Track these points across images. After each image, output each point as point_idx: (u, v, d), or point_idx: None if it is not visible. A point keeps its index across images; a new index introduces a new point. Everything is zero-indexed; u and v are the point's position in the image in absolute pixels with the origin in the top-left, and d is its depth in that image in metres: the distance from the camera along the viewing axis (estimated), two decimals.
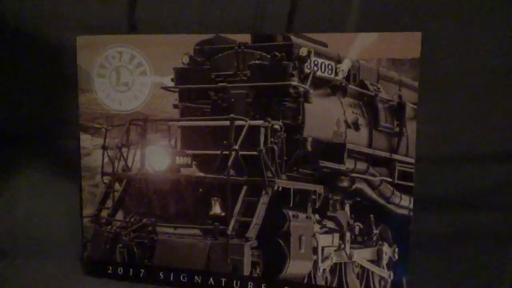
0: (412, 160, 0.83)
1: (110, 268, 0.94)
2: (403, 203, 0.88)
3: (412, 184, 0.83)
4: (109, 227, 0.95)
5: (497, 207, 0.83)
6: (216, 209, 0.92)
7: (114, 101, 0.96)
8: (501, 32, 0.80)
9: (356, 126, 0.97)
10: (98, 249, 0.94)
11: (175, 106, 0.98)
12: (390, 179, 0.97)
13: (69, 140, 1.01)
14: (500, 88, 0.82)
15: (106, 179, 0.98)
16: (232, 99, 0.95)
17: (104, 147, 0.97)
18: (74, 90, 0.95)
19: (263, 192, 0.88)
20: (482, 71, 0.81)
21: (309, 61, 0.90)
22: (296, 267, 0.89)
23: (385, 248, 0.97)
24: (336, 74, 0.93)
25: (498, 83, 0.82)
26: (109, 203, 0.98)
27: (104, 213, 0.98)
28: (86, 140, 0.98)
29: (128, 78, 0.95)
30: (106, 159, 0.98)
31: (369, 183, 0.96)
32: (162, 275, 0.92)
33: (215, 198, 0.92)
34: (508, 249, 0.83)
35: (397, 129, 0.99)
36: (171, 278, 0.91)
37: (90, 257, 0.95)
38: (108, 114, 0.96)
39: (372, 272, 0.98)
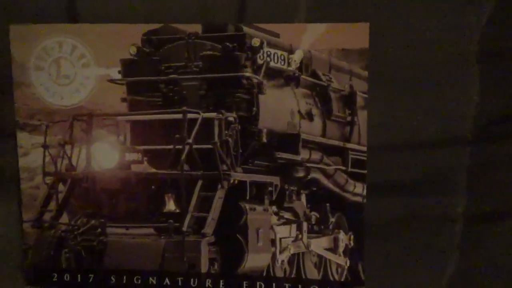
0: (364, 148, 0.85)
1: (56, 276, 0.88)
2: (357, 190, 0.91)
3: (365, 171, 0.85)
4: (53, 231, 0.89)
5: (441, 190, 0.87)
6: (170, 206, 0.89)
7: (55, 95, 0.89)
8: (447, 22, 0.83)
9: (310, 116, 0.98)
10: (41, 256, 0.87)
11: (124, 100, 0.94)
12: (344, 168, 0.99)
13: (4, 139, 0.92)
14: (445, 77, 0.86)
15: (48, 179, 0.92)
16: (184, 92, 0.92)
17: (44, 146, 0.91)
18: (9, 84, 0.88)
19: (219, 186, 0.86)
20: (428, 60, 0.85)
21: (261, 51, 0.90)
22: (254, 261, 0.88)
23: (341, 235, 0.99)
24: (289, 64, 0.93)
25: (444, 71, 0.85)
26: (52, 205, 0.92)
27: (47, 217, 0.91)
28: (23, 138, 0.90)
29: (70, 71, 0.88)
30: (47, 158, 0.91)
31: (324, 172, 0.98)
32: (113, 279, 0.87)
33: (169, 194, 0.89)
34: (453, 229, 0.88)
35: (349, 118, 1.02)
36: (124, 281, 0.87)
37: (32, 265, 0.88)
38: (48, 109, 0.89)
39: (330, 260, 1.00)
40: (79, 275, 0.88)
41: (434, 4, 0.82)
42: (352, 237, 0.92)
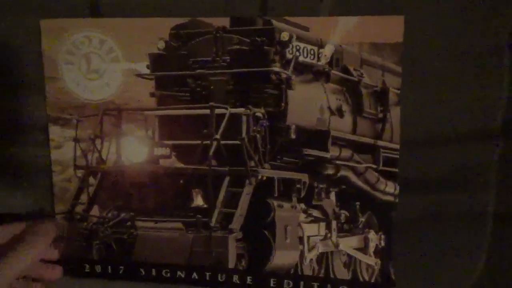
0: (397, 146, 0.82)
1: (87, 266, 0.90)
2: (388, 189, 0.88)
3: (396, 170, 0.83)
4: (85, 223, 0.91)
5: (475, 187, 0.84)
6: (198, 201, 0.89)
7: (85, 89, 0.89)
8: (483, 15, 0.79)
9: (340, 112, 0.96)
10: (73, 247, 0.89)
11: (152, 95, 0.94)
12: (375, 166, 0.97)
13: (36, 132, 0.94)
14: (481, 71, 0.82)
15: (80, 172, 0.93)
16: (212, 86, 0.91)
17: (76, 140, 0.92)
18: (40, 79, 0.89)
19: (247, 182, 0.85)
20: (464, 54, 0.81)
21: (291, 46, 0.88)
22: (282, 258, 0.87)
23: (372, 235, 0.97)
24: (319, 59, 0.90)
25: (480, 66, 0.82)
26: (84, 198, 0.93)
27: (79, 209, 0.93)
28: (55, 132, 0.91)
29: (99, 65, 0.88)
30: (78, 152, 0.92)
31: (354, 170, 0.96)
32: (143, 271, 0.88)
33: (197, 189, 0.89)
34: (485, 226, 0.85)
35: (381, 115, 0.99)
36: (153, 274, 0.88)
37: (65, 255, 0.89)
38: (78, 103, 0.90)
39: (359, 260, 0.99)
40: (109, 267, 0.89)
41: None
42: (383, 237, 0.89)
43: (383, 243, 0.88)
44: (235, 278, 0.85)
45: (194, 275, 0.86)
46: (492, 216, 0.84)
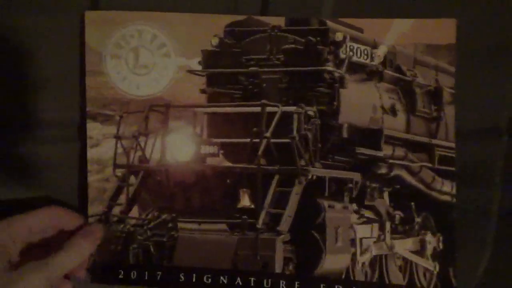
0: (452, 145, 0.83)
1: (122, 273, 0.84)
2: (445, 188, 0.87)
3: (453, 168, 0.82)
4: (122, 225, 0.86)
5: (480, 184, 0.83)
6: (245, 201, 0.86)
7: (131, 85, 0.87)
8: None
9: (393, 111, 0.96)
10: (107, 252, 0.84)
11: (203, 91, 0.92)
12: (430, 165, 0.96)
13: (71, 129, 0.89)
14: None
15: (119, 172, 0.89)
16: (264, 84, 0.91)
17: (117, 136, 0.88)
18: (77, 73, 0.85)
19: (296, 181, 0.83)
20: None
21: (344, 46, 0.89)
22: (332, 262, 0.84)
23: (429, 237, 0.94)
24: (372, 59, 0.92)
25: None
26: (122, 199, 0.89)
27: (116, 210, 0.88)
28: (94, 128, 0.87)
29: (149, 60, 0.86)
30: (119, 150, 0.89)
31: (408, 169, 0.95)
32: (182, 277, 0.83)
33: (244, 189, 0.86)
34: (490, 222, 0.83)
35: (435, 114, 1.00)
36: (193, 280, 0.83)
37: (98, 261, 0.84)
38: (123, 99, 0.87)
39: (416, 264, 0.95)
40: (146, 272, 0.84)
41: None
42: (441, 239, 0.87)
43: (441, 246, 0.86)
44: (282, 284, 0.81)
45: (238, 280, 0.81)
46: (496, 212, 0.84)
